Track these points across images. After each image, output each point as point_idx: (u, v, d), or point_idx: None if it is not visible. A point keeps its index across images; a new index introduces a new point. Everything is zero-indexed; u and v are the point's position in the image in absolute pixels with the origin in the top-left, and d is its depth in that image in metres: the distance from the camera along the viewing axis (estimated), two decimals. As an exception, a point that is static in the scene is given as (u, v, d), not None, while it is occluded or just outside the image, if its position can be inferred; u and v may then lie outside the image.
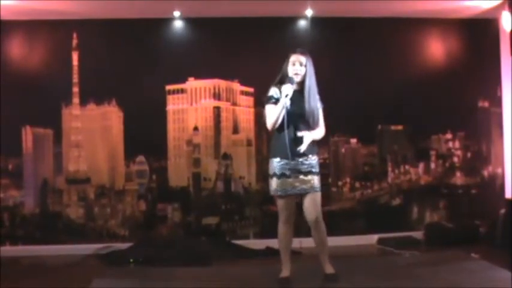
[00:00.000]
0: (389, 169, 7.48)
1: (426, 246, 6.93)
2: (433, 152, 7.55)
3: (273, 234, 6.93)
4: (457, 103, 7.41)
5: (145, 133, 7.10)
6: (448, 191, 7.54)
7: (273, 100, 4.81)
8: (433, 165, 7.55)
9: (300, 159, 4.79)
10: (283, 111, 4.69)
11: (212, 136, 7.30)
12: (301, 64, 4.82)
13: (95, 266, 6.22)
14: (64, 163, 7.16)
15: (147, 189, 7.22)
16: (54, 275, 5.93)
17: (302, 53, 4.87)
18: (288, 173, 4.78)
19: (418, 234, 7.22)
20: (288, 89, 4.70)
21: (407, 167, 7.50)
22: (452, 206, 7.50)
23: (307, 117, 4.80)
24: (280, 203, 4.86)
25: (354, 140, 7.41)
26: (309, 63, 4.86)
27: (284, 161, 4.77)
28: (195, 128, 7.28)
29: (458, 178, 7.57)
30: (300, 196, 4.85)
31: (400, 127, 7.48)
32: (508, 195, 7.18)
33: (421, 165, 7.54)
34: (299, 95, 4.79)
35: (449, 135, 7.56)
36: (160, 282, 5.30)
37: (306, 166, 4.81)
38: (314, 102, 4.85)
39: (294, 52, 4.88)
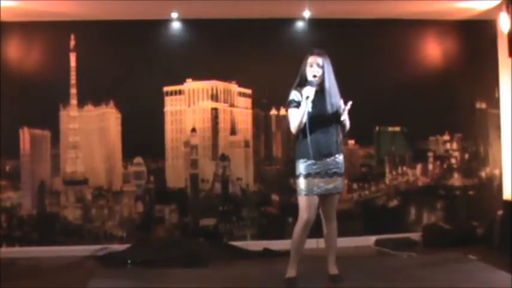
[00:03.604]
0: (387, 170, 7.48)
1: (424, 248, 6.93)
2: (430, 154, 7.55)
3: (270, 235, 7.03)
4: (455, 104, 7.41)
5: (143, 134, 7.08)
6: (445, 192, 7.54)
7: (295, 104, 4.86)
8: (430, 167, 7.55)
9: (327, 160, 4.83)
10: (306, 114, 4.73)
11: (210, 137, 7.30)
12: (318, 65, 4.85)
13: (92, 268, 6.21)
14: (61, 164, 7.15)
15: (144, 190, 7.21)
16: (52, 276, 5.92)
17: (319, 54, 4.90)
18: (313, 173, 4.82)
19: (415, 236, 7.21)
20: (309, 91, 4.75)
21: (404, 168, 7.51)
22: (449, 208, 7.50)
23: (326, 116, 4.83)
24: (304, 203, 4.87)
25: (351, 142, 7.41)
26: (327, 63, 4.90)
27: (310, 162, 4.81)
28: (193, 130, 7.28)
29: (456, 179, 7.57)
30: (323, 196, 4.89)
31: (397, 128, 7.49)
32: (505, 196, 7.18)
33: (419, 167, 7.54)
34: (319, 95, 4.83)
35: (447, 137, 7.56)
36: (158, 284, 5.30)
37: (332, 166, 4.86)
38: (335, 102, 4.88)
39: (312, 53, 4.91)
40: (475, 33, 7.46)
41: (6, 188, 7.05)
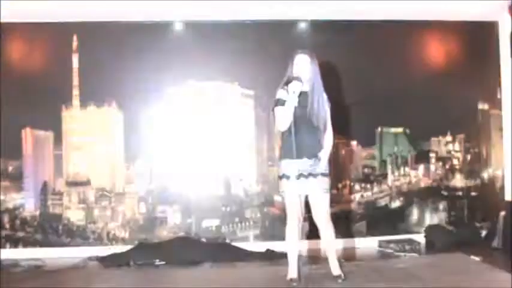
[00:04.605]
0: (389, 171, 7.48)
1: (426, 249, 6.93)
2: (433, 155, 7.55)
3: (272, 236, 7.03)
4: (457, 105, 7.41)
5: (145, 135, 7.09)
6: (448, 193, 7.54)
7: (282, 102, 4.82)
8: (433, 168, 7.56)
9: (312, 160, 4.80)
10: (293, 109, 4.71)
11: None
12: (304, 64, 4.84)
13: (95, 269, 6.21)
14: (64, 165, 7.16)
15: (147, 191, 7.22)
16: (54, 277, 5.92)
17: (306, 54, 4.88)
18: (296, 174, 4.79)
19: (418, 237, 7.21)
20: (295, 86, 4.72)
21: (407, 169, 7.51)
22: (452, 209, 7.50)
23: (311, 117, 4.81)
24: (290, 204, 4.86)
25: (353, 143, 7.41)
26: (314, 63, 4.88)
27: (293, 162, 4.79)
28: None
29: (458, 180, 7.58)
30: (309, 198, 4.87)
31: (400, 129, 7.49)
32: (508, 197, 7.18)
33: (421, 168, 7.54)
34: (305, 95, 4.81)
35: (449, 138, 7.57)
36: (160, 285, 5.30)
37: (315, 167, 4.82)
38: (319, 103, 4.85)
39: (298, 53, 4.90)
40: (478, 34, 7.47)
41: (9, 189, 7.06)
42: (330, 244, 5.00)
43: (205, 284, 5.32)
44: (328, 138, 4.92)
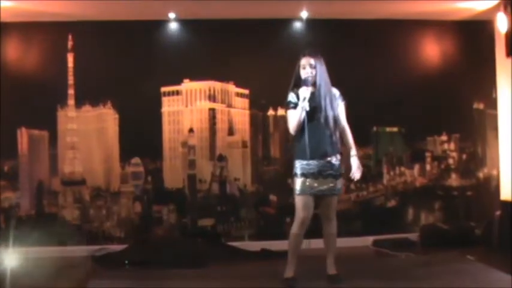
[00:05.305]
0: (385, 171, 7.48)
1: (421, 248, 6.93)
2: (428, 154, 7.55)
3: (268, 236, 7.03)
4: (453, 105, 7.41)
5: (141, 135, 7.09)
6: (443, 192, 7.54)
7: (292, 105, 4.90)
8: (428, 167, 7.56)
9: (321, 160, 4.84)
10: (303, 114, 4.75)
11: (207, 138, 7.30)
12: (311, 66, 4.89)
13: (90, 268, 6.20)
14: (59, 165, 7.14)
15: (142, 190, 7.21)
16: (49, 276, 5.91)
17: (311, 55, 4.92)
18: (308, 173, 4.84)
19: (413, 236, 7.22)
20: (305, 92, 4.78)
21: (402, 168, 7.51)
22: (447, 208, 7.50)
23: (321, 117, 4.84)
24: (299, 202, 4.89)
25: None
26: (319, 63, 4.92)
27: (305, 162, 4.83)
28: (190, 130, 7.28)
29: (454, 180, 7.58)
30: (318, 197, 4.91)
31: (395, 129, 7.49)
32: (503, 196, 7.18)
33: (417, 167, 7.54)
34: (314, 96, 4.85)
35: (444, 137, 7.57)
36: (156, 284, 5.31)
37: (326, 168, 4.86)
38: (326, 102, 4.89)
39: (304, 55, 4.94)
40: (473, 34, 7.46)
41: (5, 189, 7.04)
42: (331, 244, 5.06)
43: (201, 283, 5.33)
44: (348, 136, 4.99)
